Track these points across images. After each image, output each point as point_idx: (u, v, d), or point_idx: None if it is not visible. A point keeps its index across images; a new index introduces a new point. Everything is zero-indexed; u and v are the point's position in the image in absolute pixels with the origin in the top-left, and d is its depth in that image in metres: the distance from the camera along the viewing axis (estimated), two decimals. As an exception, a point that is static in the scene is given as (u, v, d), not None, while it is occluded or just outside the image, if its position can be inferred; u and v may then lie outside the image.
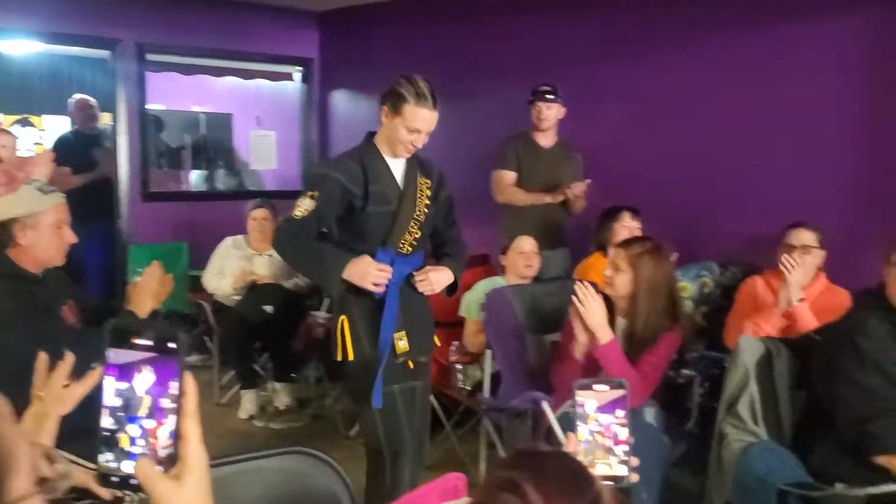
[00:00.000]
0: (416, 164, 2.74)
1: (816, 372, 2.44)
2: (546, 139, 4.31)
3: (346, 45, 6.31)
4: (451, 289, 2.81)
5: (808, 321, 3.04)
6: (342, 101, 6.56)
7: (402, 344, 2.68)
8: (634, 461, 1.37)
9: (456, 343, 3.84)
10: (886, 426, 2.19)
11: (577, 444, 1.35)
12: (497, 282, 3.84)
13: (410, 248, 2.70)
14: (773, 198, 3.87)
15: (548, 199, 4.20)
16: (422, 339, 2.77)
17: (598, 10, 4.68)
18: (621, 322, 2.83)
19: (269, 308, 4.54)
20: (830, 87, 3.79)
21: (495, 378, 3.47)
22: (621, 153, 4.49)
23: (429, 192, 2.73)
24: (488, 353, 3.46)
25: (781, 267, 3.15)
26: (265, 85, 7.12)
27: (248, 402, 4.52)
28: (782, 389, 2.53)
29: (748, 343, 2.55)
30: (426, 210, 2.72)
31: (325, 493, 1.60)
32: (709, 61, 4.22)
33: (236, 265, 4.71)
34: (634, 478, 1.36)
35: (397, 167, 2.71)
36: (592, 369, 2.69)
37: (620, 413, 1.36)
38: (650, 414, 2.77)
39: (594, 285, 2.82)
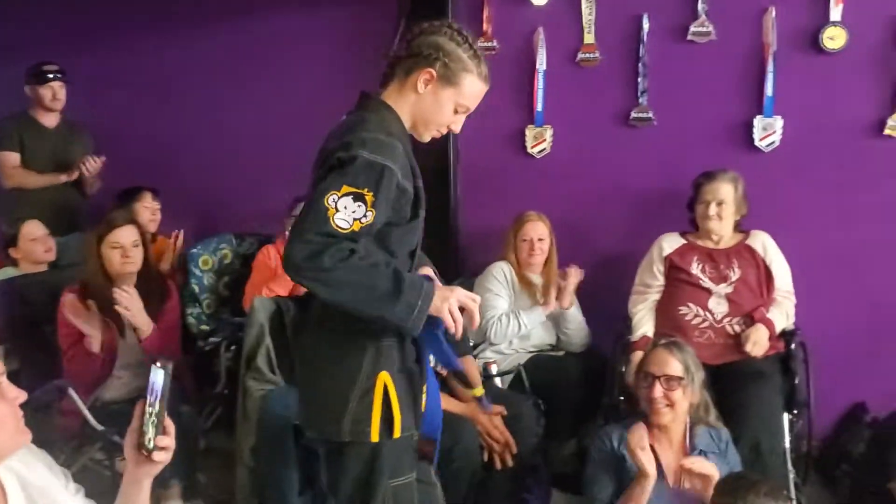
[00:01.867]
0: None
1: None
2: (50, 119, 4.15)
3: None
4: None
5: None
6: None
7: None
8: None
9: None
10: None
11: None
12: (7, 272, 3.62)
13: None
14: (281, 174, 4.21)
15: (63, 178, 4.05)
16: None
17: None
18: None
19: None
20: (320, 74, 4.25)
21: None
22: (134, 134, 4.47)
23: None
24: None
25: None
26: None
27: None
28: (293, 339, 2.86)
29: (261, 303, 2.80)
30: None
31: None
32: (212, 44, 4.41)
33: None
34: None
35: None
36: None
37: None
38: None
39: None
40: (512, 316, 3.50)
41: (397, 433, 1.90)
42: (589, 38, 3.81)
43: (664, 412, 2.57)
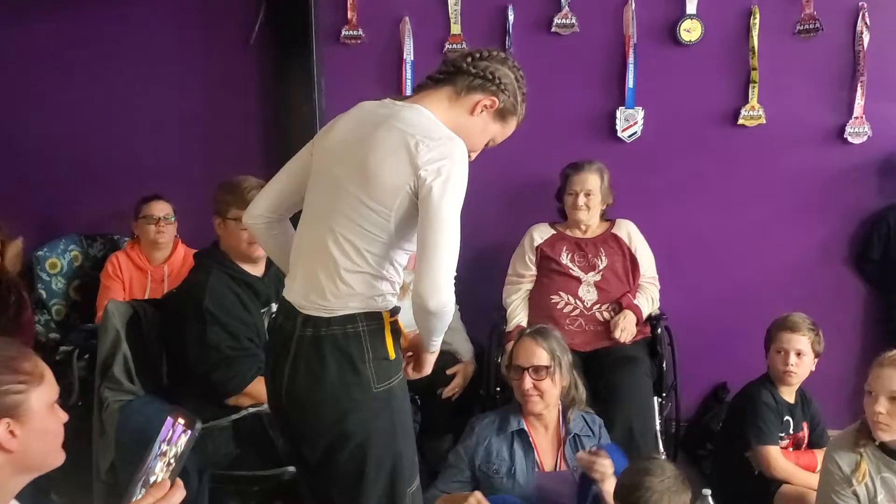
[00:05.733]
0: None
1: (172, 327, 2.65)
2: None
3: None
4: None
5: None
6: None
7: None
8: None
9: None
10: (225, 374, 2.54)
11: None
12: None
13: None
14: (130, 173, 3.98)
15: None
16: None
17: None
18: None
19: None
20: (171, 66, 4.02)
21: None
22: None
23: None
24: None
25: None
26: None
27: None
28: (153, 346, 2.69)
29: (115, 307, 2.63)
30: None
31: None
32: (53, 31, 4.09)
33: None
34: None
35: None
36: None
37: None
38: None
39: None
40: None
41: None
42: (455, 28, 3.78)
43: (536, 402, 2.61)
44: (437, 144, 1.75)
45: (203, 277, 2.62)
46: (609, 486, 2.33)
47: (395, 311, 1.91)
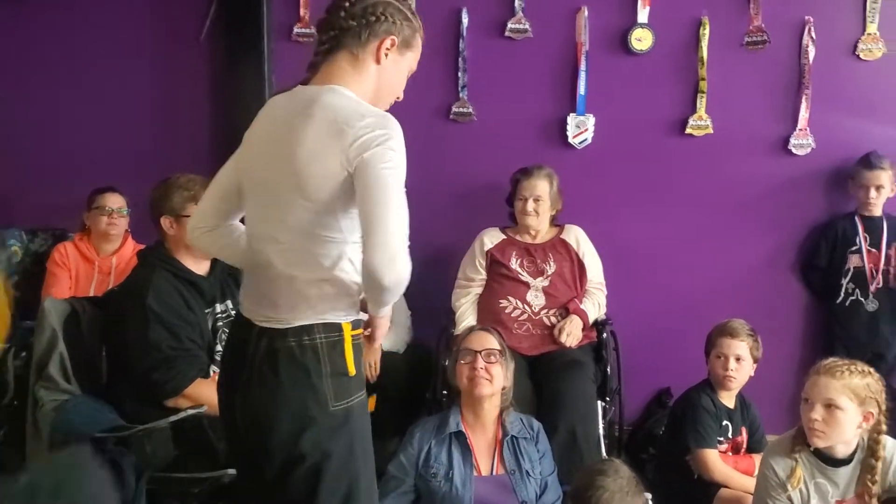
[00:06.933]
0: None
1: (113, 325, 2.60)
2: None
3: None
4: None
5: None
6: None
7: None
8: None
9: None
10: (165, 374, 2.49)
11: None
12: None
13: None
14: (78, 168, 3.90)
15: None
16: None
17: None
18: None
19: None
20: (118, 59, 3.95)
21: None
22: None
23: None
24: None
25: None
26: None
27: None
28: (91, 344, 2.63)
29: (53, 304, 2.57)
30: None
31: None
32: (6, 31, 4.00)
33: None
34: None
35: None
36: None
37: None
38: None
39: None
40: None
41: None
42: (409, 30, 3.77)
43: (485, 384, 2.62)
44: (363, 123, 1.64)
45: (147, 275, 2.58)
46: None
47: (357, 325, 1.79)
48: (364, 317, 1.81)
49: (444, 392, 3.12)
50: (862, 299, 3.62)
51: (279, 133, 1.73)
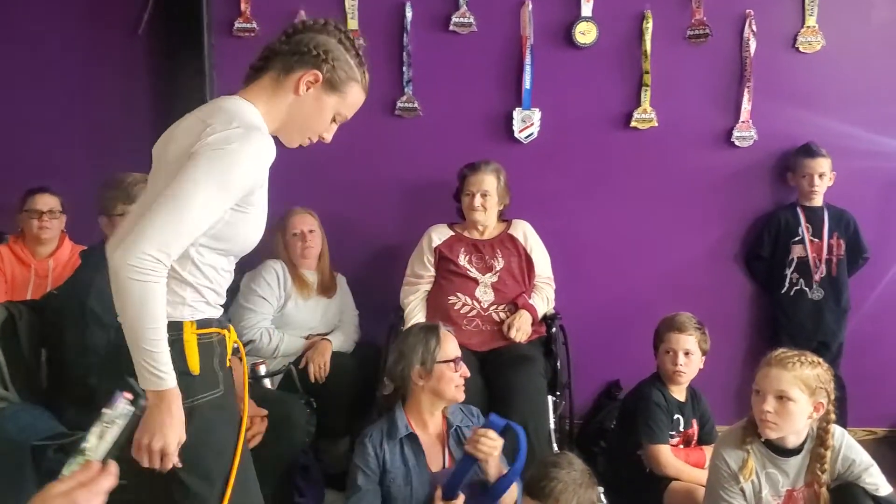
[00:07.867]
0: None
1: (51, 328, 2.52)
2: None
3: None
4: None
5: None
6: None
7: None
8: None
9: None
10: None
11: None
12: None
13: None
14: (12, 167, 3.77)
15: None
16: None
17: None
18: None
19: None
20: (54, 55, 3.83)
21: None
22: None
23: None
24: None
25: None
26: None
27: None
28: (29, 350, 2.54)
29: (-14, 310, 2.49)
30: None
31: None
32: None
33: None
34: None
35: None
36: None
37: None
38: None
39: None
40: (275, 334, 3.36)
41: None
42: (353, 23, 3.72)
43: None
44: (225, 128, 1.61)
45: (89, 276, 2.49)
46: (493, 466, 2.35)
47: (206, 324, 1.72)
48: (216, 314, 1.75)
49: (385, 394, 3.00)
50: (806, 289, 3.69)
51: (165, 139, 1.74)
